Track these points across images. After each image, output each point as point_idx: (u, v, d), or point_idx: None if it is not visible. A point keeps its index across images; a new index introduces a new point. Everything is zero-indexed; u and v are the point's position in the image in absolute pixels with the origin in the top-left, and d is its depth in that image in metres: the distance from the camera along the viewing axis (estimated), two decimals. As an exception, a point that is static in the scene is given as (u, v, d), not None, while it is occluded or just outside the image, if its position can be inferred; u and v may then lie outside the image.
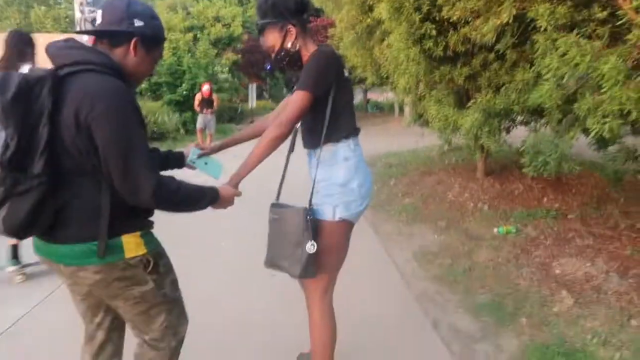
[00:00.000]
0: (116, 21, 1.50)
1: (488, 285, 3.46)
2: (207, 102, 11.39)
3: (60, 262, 1.51)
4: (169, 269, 1.71)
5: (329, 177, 1.91)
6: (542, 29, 3.05)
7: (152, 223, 1.64)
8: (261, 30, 1.91)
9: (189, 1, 22.77)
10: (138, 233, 1.54)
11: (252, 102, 22.54)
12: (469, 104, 4.96)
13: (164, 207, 1.52)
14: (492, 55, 5.08)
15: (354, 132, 1.95)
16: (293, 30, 1.87)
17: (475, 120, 4.85)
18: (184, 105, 14.96)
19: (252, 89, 22.68)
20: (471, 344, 2.73)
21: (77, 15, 10.84)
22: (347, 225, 1.95)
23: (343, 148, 1.90)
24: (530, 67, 3.95)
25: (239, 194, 1.81)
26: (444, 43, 4.99)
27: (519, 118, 5.83)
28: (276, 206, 1.99)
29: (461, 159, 8.32)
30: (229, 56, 21.05)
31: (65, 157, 1.40)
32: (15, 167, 1.33)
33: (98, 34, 1.56)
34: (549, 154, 3.60)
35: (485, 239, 4.52)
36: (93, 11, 10.09)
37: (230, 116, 20.62)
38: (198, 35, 19.67)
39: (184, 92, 15.29)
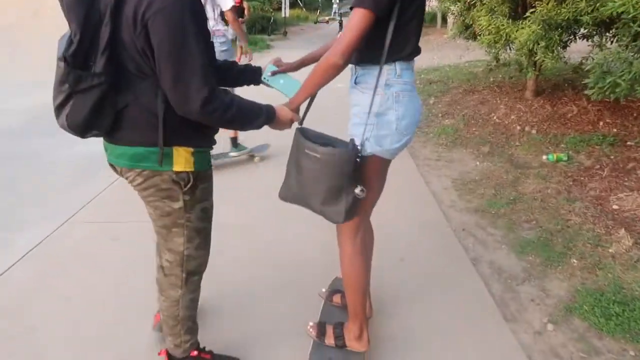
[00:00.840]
0: None
1: (535, 219, 3.17)
2: (238, 11, 10.75)
3: (115, 162, 1.55)
4: (206, 195, 1.66)
5: (364, 104, 1.65)
6: None
7: (210, 142, 1.62)
8: None
9: None
10: (191, 149, 1.52)
11: (286, 12, 21.51)
12: (527, 13, 4.36)
13: (215, 122, 1.47)
14: (558, -45, 4.37)
15: (405, 55, 1.63)
16: None
17: (533, 33, 4.29)
18: (214, 14, 14.28)
19: (286, -2, 21.49)
20: (514, 285, 2.51)
21: None
22: (378, 161, 1.71)
23: (386, 71, 1.63)
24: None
25: (297, 119, 1.70)
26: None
27: (581, 31, 5.16)
28: (310, 137, 1.67)
29: (508, 77, 7.68)
30: (261, -39, 19.73)
31: (126, 58, 1.38)
32: (79, 64, 1.34)
33: None
34: (621, 73, 3.12)
35: (533, 167, 4.16)
36: None
37: (263, 26, 19.80)
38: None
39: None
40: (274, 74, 1.83)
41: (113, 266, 2.74)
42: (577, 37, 5.30)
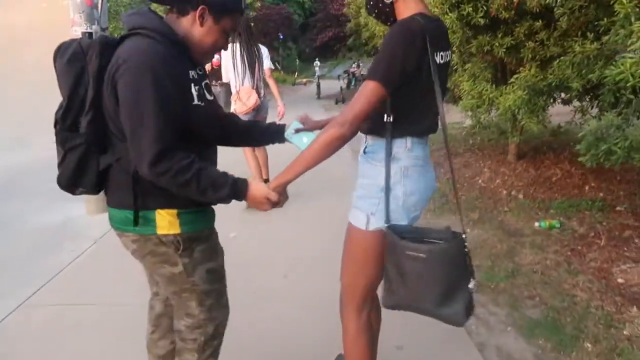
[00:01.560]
0: None
1: (538, 295, 2.94)
2: (216, 74, 10.78)
3: (112, 225, 1.57)
4: (208, 257, 1.61)
5: (372, 176, 1.58)
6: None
7: (198, 202, 1.52)
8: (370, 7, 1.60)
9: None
10: (174, 210, 1.49)
11: (264, 74, 21.76)
12: (512, 79, 4.35)
13: (168, 185, 1.39)
14: (538, 24, 4.45)
15: (418, 131, 1.57)
16: None
17: (518, 98, 4.25)
18: (193, 75, 14.31)
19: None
20: (527, 376, 2.24)
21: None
22: (384, 238, 1.56)
23: (396, 144, 1.55)
24: (599, 36, 3.32)
25: (274, 200, 1.52)
26: (484, 9, 4.35)
27: (562, 95, 5.21)
28: (404, 235, 1.50)
29: (487, 139, 7.73)
30: (240, 25, 20.21)
31: (108, 120, 1.43)
32: (67, 127, 1.44)
33: (166, 2, 1.52)
34: (616, 141, 3.03)
35: (526, 234, 3.99)
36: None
37: (242, 87, 19.93)
38: (208, 2, 18.80)
39: (193, 62, 14.61)
40: (297, 131, 1.71)
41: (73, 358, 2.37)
42: (556, 101, 5.35)
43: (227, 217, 2.56)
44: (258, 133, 1.82)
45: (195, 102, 1.45)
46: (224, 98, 11.11)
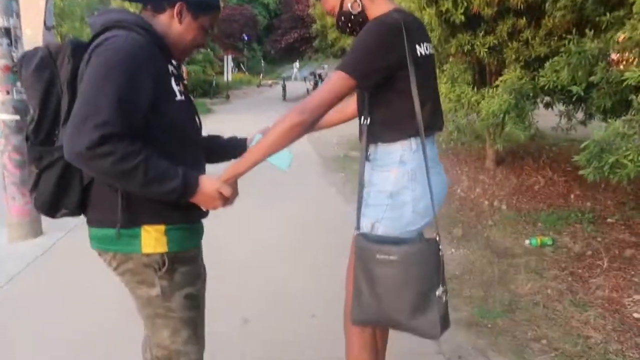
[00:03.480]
0: None
1: (544, 337, 2.50)
2: (174, 75, 10.12)
3: (92, 245, 1.41)
4: (190, 281, 1.45)
5: (378, 183, 1.51)
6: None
7: (189, 217, 1.41)
8: None
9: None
10: (162, 227, 1.34)
11: (228, 75, 21.20)
12: (497, 82, 3.95)
13: (107, 170, 1.19)
14: (522, 21, 4.07)
15: (429, 128, 1.49)
16: None
17: (504, 103, 3.85)
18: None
19: (228, 61, 21.22)
20: None
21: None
22: None
23: (401, 148, 1.48)
24: (602, 33, 2.93)
25: (227, 194, 1.36)
26: (464, 4, 3.93)
27: (546, 99, 4.88)
28: (372, 239, 1.46)
29: (461, 143, 7.37)
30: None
31: None
32: (40, 141, 1.32)
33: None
34: (626, 152, 2.63)
35: (517, 254, 3.58)
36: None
37: (204, 90, 19.30)
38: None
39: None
40: None
41: None
42: (539, 105, 5.02)
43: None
44: (218, 147, 1.70)
45: (179, 97, 1.35)
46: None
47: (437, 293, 1.36)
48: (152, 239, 1.34)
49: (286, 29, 36.85)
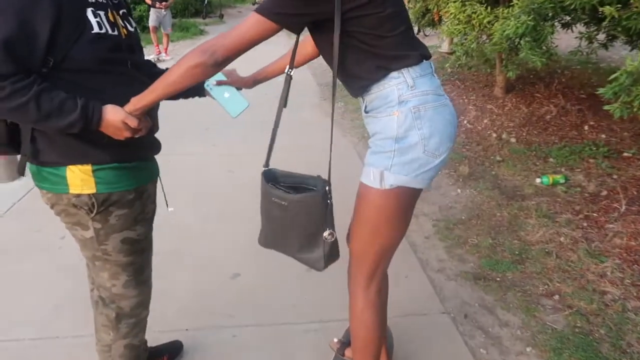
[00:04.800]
0: None
1: (557, 292, 2.32)
2: (159, -5, 9.35)
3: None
4: (128, 224, 1.39)
5: (382, 130, 1.38)
6: None
7: (122, 156, 1.34)
8: None
9: None
10: (88, 166, 1.30)
11: (220, -8, 19.85)
12: (514, 0, 3.49)
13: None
14: None
15: (411, 59, 1.35)
16: None
17: (522, 25, 3.42)
18: (135, -3, 12.59)
19: (219, -24, 19.80)
20: None
21: None
22: (404, 195, 1.39)
23: (396, 86, 1.34)
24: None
25: (133, 124, 1.28)
26: None
27: (565, 19, 4.40)
28: (277, 180, 1.49)
29: (467, 68, 6.88)
30: None
31: None
32: None
33: None
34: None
35: (527, 194, 3.34)
36: None
37: (196, 9, 18.13)
38: None
39: (135, -19, 12.84)
40: (219, 84, 1.52)
41: None
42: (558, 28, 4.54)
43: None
44: None
45: (95, 30, 1.24)
46: (169, 21, 9.79)
47: (324, 235, 1.42)
48: (78, 180, 1.30)
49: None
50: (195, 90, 1.56)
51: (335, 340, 1.92)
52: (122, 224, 1.38)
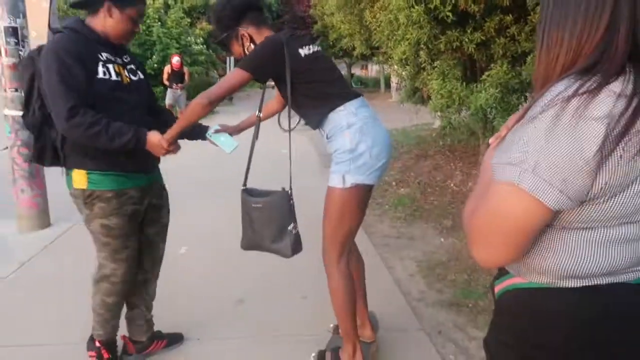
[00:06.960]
0: None
1: (521, 314, 2.64)
2: (176, 76, 10.35)
3: None
4: (105, 214, 1.94)
5: (339, 147, 1.90)
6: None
7: (110, 165, 1.92)
8: (225, 46, 2.08)
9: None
10: (84, 171, 1.91)
11: (230, 77, 21.22)
12: (484, 76, 4.10)
13: (83, 136, 1.80)
14: (509, 18, 4.21)
15: (350, 96, 1.94)
16: (245, 34, 2.00)
17: (490, 97, 4.00)
18: (155, 79, 13.64)
19: (231, 62, 21.36)
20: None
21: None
22: (360, 191, 1.92)
23: (344, 116, 1.90)
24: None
25: (165, 147, 1.93)
26: (452, 2, 4.07)
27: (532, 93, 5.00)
28: (253, 194, 2.03)
29: (458, 140, 7.50)
30: (204, 26, 19.63)
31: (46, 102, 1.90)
32: (30, 115, 1.98)
33: (77, 6, 1.98)
34: None
35: (503, 242, 3.71)
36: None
37: (206, 91, 19.38)
38: (170, 3, 18.22)
39: (155, 65, 14.05)
40: (217, 132, 2.15)
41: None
42: (527, 99, 5.15)
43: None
44: (189, 129, 2.10)
45: (100, 76, 1.86)
46: (184, 100, 10.66)
47: (289, 228, 1.92)
48: (79, 178, 1.92)
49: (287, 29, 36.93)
50: (199, 134, 2.17)
51: (332, 325, 2.35)
52: (102, 213, 1.93)
